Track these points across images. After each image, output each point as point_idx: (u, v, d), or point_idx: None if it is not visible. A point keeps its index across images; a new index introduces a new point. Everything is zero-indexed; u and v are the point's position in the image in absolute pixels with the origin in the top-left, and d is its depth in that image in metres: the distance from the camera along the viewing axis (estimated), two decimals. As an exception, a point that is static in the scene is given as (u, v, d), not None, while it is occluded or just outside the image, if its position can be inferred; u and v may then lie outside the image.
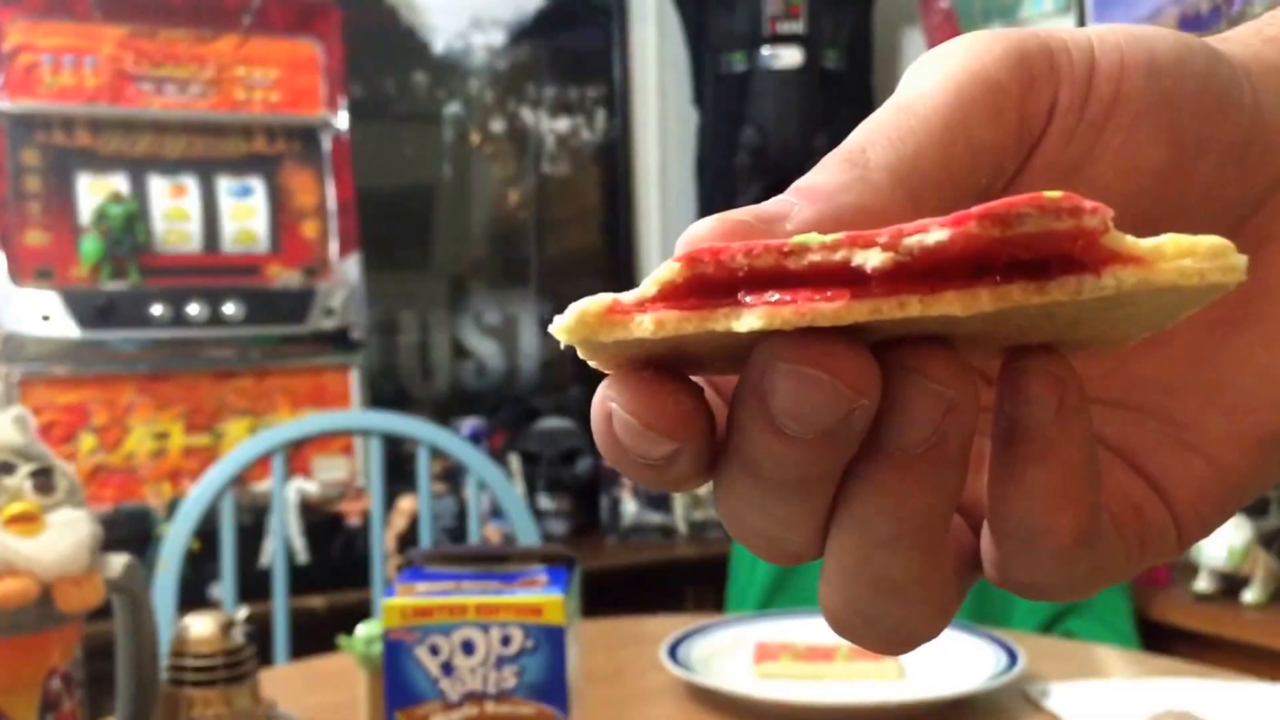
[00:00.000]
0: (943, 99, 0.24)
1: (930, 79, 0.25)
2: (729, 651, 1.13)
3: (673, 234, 3.03)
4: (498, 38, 3.00)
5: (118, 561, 0.78)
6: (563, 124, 3.09)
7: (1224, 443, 0.28)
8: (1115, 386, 0.29)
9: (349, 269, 2.51)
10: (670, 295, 0.21)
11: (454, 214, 3.05)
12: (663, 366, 0.23)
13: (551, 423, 2.72)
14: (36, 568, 0.72)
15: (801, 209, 0.23)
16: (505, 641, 0.69)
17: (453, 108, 3.00)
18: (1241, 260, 0.21)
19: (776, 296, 0.21)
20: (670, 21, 2.99)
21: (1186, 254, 0.21)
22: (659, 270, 0.21)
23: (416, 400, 2.93)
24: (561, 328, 0.22)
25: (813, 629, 1.17)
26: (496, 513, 2.22)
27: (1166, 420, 0.28)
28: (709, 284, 0.21)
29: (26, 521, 0.73)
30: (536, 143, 3.07)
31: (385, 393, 2.75)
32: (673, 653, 1.10)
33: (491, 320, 3.06)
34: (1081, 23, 2.38)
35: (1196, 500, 0.28)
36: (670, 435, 0.23)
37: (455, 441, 1.74)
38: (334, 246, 2.51)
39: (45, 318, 2.25)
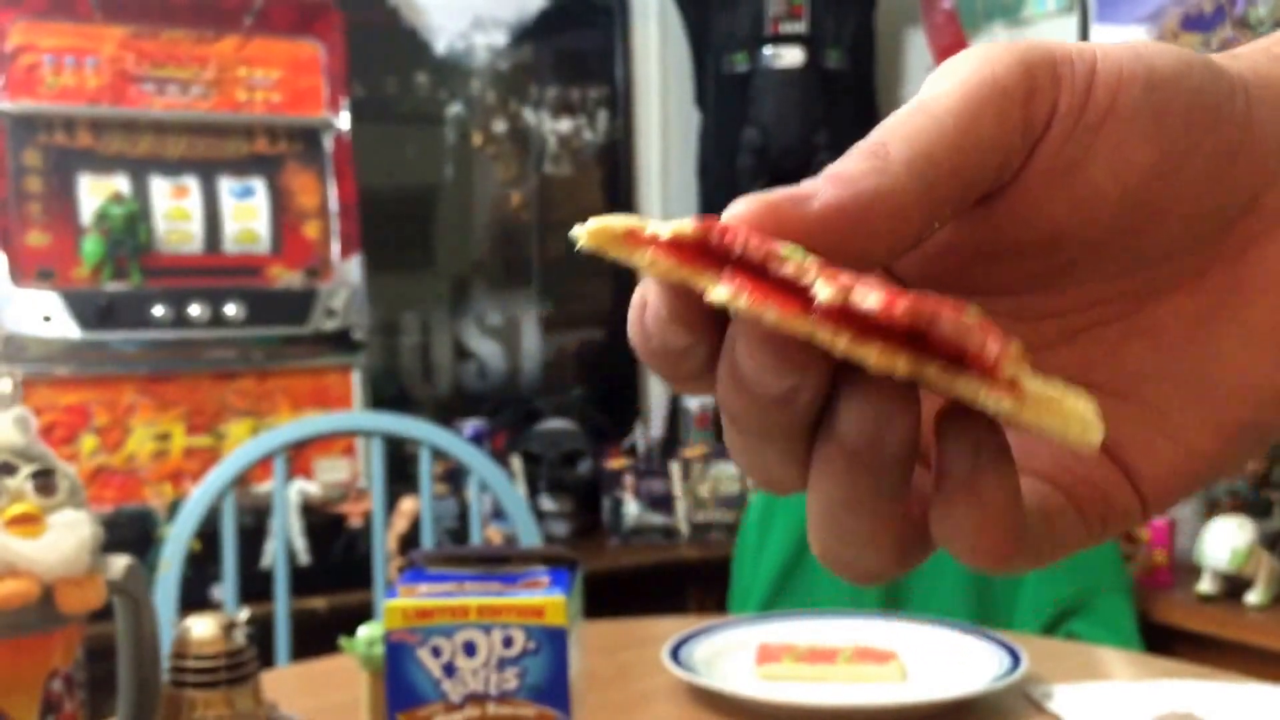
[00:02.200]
0: (956, 101, 0.27)
1: (945, 84, 0.28)
2: (731, 653, 1.13)
3: (674, 235, 3.03)
4: (499, 38, 3.00)
5: (119, 563, 0.78)
6: (565, 125, 3.09)
7: (1198, 430, 0.30)
8: (1102, 374, 0.31)
9: (350, 270, 2.51)
10: (677, 245, 0.25)
11: (456, 215, 3.05)
12: None
13: (553, 424, 2.72)
14: (38, 569, 0.72)
15: (825, 191, 0.26)
16: (507, 643, 0.69)
17: (454, 108, 3.00)
18: (1098, 434, 0.24)
19: (748, 285, 0.24)
20: (672, 22, 2.99)
21: (1060, 412, 0.24)
22: (681, 223, 0.25)
23: (418, 401, 2.93)
24: (584, 232, 0.26)
25: (815, 631, 1.16)
26: (498, 514, 2.22)
27: (1145, 406, 0.30)
28: (709, 250, 0.25)
29: (28, 523, 0.73)
30: (538, 143, 3.07)
31: (387, 394, 2.75)
32: (675, 654, 1.09)
33: (493, 321, 3.06)
34: (1084, 22, 2.38)
35: (1164, 481, 0.30)
36: (689, 328, 0.26)
37: (457, 443, 1.74)
38: (335, 247, 2.51)
39: (46, 318, 2.24)
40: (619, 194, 3.10)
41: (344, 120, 2.54)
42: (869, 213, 0.25)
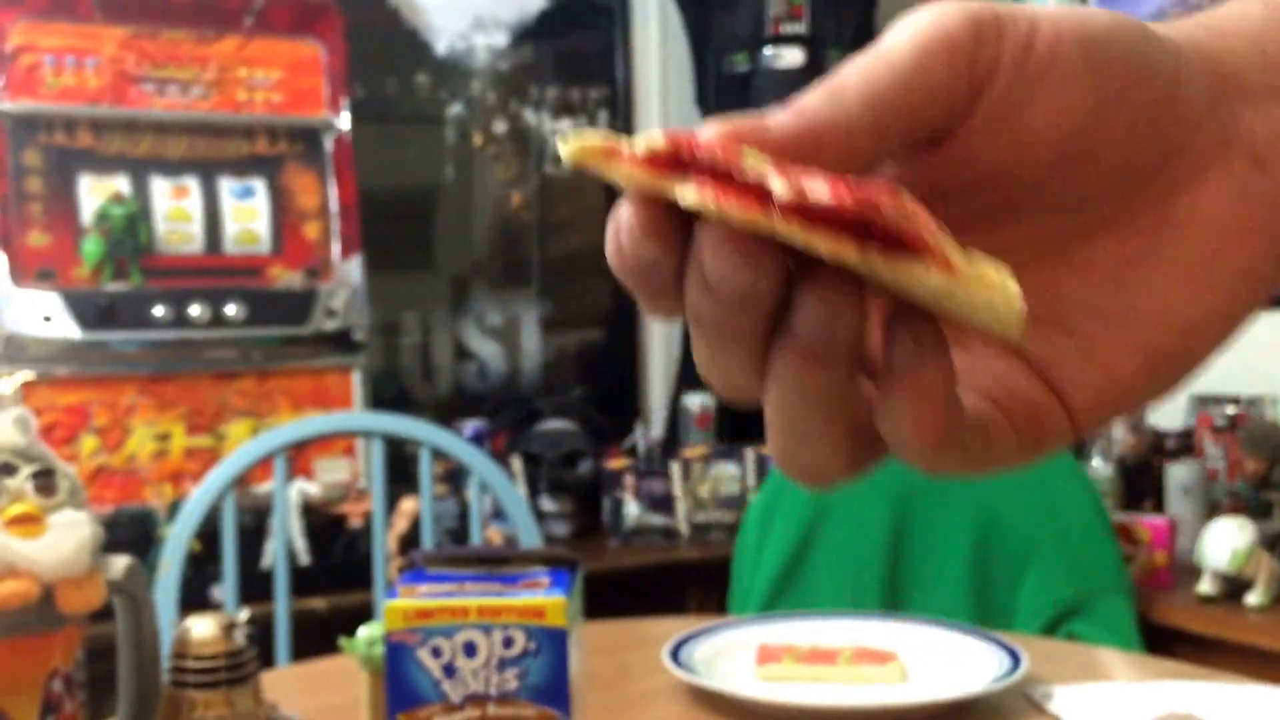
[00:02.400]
0: (909, 49, 0.30)
1: (900, 35, 0.31)
2: (731, 653, 1.13)
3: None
4: (500, 39, 3.00)
5: (119, 563, 0.78)
6: (565, 125, 3.09)
7: (1124, 357, 0.33)
8: (1038, 306, 0.33)
9: (351, 270, 2.51)
10: (649, 160, 0.28)
11: (456, 215, 3.05)
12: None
13: (553, 424, 2.72)
14: (38, 569, 0.72)
15: (785, 118, 0.29)
16: (507, 643, 0.69)
17: (455, 109, 3.00)
18: (1020, 309, 0.27)
19: (714, 187, 0.27)
20: (673, 22, 2.99)
21: (988, 287, 0.27)
22: (652, 138, 0.28)
23: (418, 402, 2.93)
24: (567, 150, 0.29)
25: (815, 631, 1.16)
26: (498, 514, 2.22)
27: (1077, 335, 0.33)
28: (678, 162, 0.28)
29: (28, 523, 0.73)
30: (539, 144, 3.07)
31: (387, 394, 2.75)
32: (675, 655, 1.09)
33: (493, 321, 3.06)
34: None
35: (1092, 404, 0.33)
36: (659, 240, 0.29)
37: (457, 443, 1.74)
38: (336, 248, 2.51)
39: (47, 319, 2.24)
40: (619, 194, 3.10)
41: (344, 120, 2.54)
42: (822, 139, 0.29)
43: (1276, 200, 0.33)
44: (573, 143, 0.28)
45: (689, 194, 0.27)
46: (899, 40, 0.31)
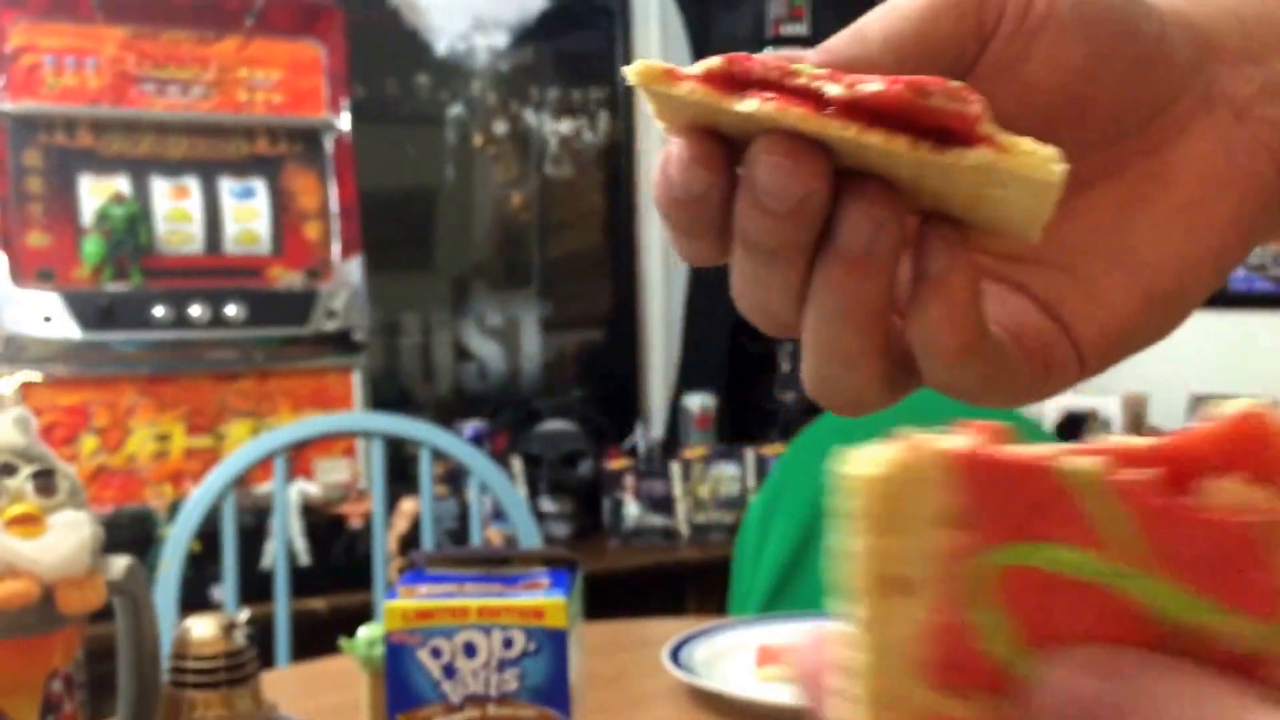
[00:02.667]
0: (922, 2, 0.33)
1: None
2: (731, 654, 1.13)
3: (675, 236, 3.03)
4: (500, 39, 3.00)
5: (119, 563, 0.78)
6: (565, 126, 3.09)
7: (1124, 297, 0.36)
8: (1044, 250, 0.36)
9: (351, 271, 2.51)
10: (707, 77, 0.30)
11: (456, 216, 3.05)
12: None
13: (554, 425, 2.72)
14: (38, 569, 0.72)
15: (816, 59, 0.32)
16: (507, 644, 0.69)
17: (455, 109, 3.00)
18: (1062, 167, 0.29)
19: (770, 96, 0.29)
20: (673, 23, 2.99)
21: (1028, 152, 0.29)
22: (709, 60, 0.30)
23: (418, 402, 2.93)
24: (633, 70, 0.30)
25: (815, 632, 1.16)
26: (498, 515, 2.22)
27: (1080, 276, 0.36)
28: (734, 79, 0.29)
29: (28, 523, 0.73)
30: (539, 145, 3.08)
31: (387, 395, 2.75)
32: (675, 656, 1.09)
33: (494, 322, 3.06)
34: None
35: (1097, 340, 0.36)
36: (709, 167, 0.31)
37: (457, 444, 1.74)
38: (336, 248, 2.51)
39: (47, 319, 2.24)
40: (620, 195, 3.10)
41: (345, 121, 2.54)
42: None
43: (1257, 150, 0.36)
44: (636, 66, 0.30)
45: (750, 103, 0.29)
46: None
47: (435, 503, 1.80)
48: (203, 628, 0.77)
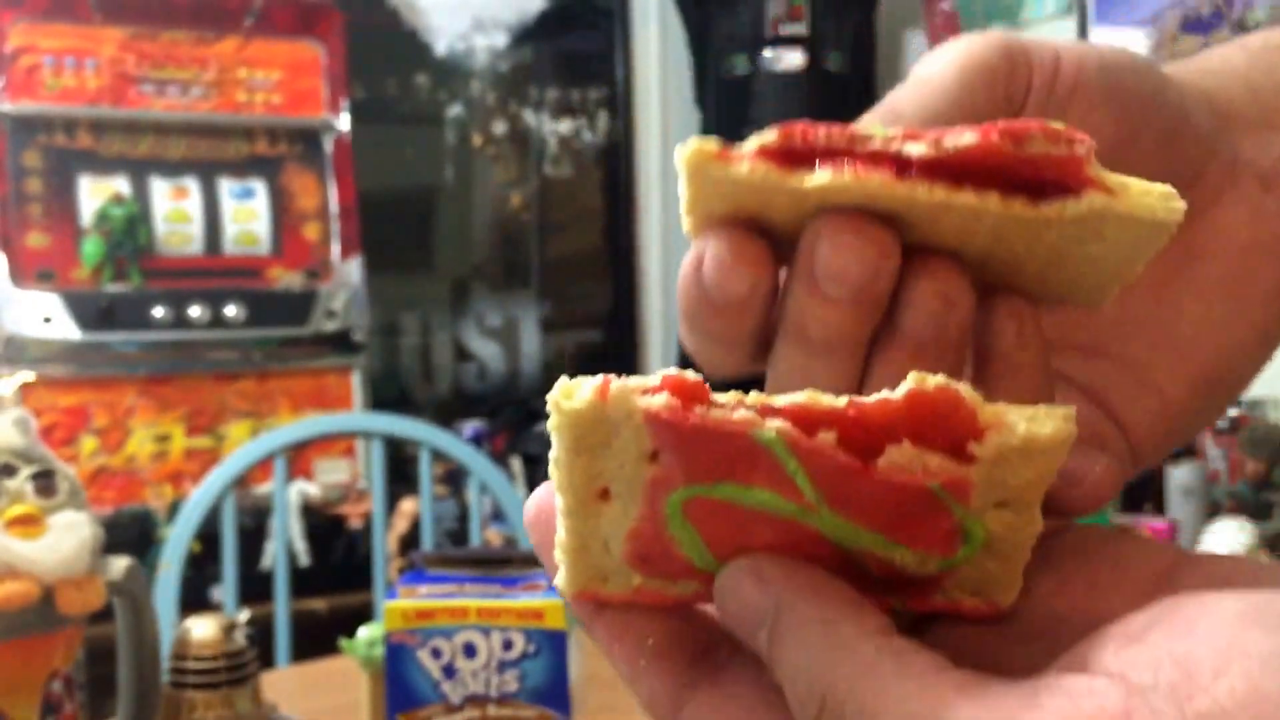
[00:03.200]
0: (952, 75, 0.31)
1: (939, 64, 0.32)
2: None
3: (674, 236, 3.03)
4: (500, 39, 3.00)
5: (119, 564, 0.78)
6: (565, 126, 3.09)
7: (1172, 379, 0.34)
8: (1084, 334, 0.35)
9: (350, 271, 2.51)
10: (764, 153, 0.27)
11: (456, 216, 3.05)
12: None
13: (553, 425, 2.71)
14: (38, 570, 0.72)
15: None
16: (507, 645, 0.69)
17: (454, 110, 3.00)
18: (1181, 204, 0.27)
19: (844, 163, 0.26)
20: (672, 23, 2.99)
21: (1145, 193, 0.27)
22: (762, 135, 0.27)
23: (418, 402, 2.93)
24: (683, 154, 0.27)
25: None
26: (498, 515, 2.22)
27: (1125, 362, 0.34)
28: (794, 153, 0.27)
29: (28, 524, 0.73)
30: (538, 145, 3.07)
31: (387, 395, 2.75)
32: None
33: (493, 322, 3.06)
34: (1083, 24, 2.38)
35: (1150, 430, 0.34)
36: (753, 268, 0.28)
37: (457, 444, 1.74)
38: (335, 249, 2.51)
39: (46, 320, 2.24)
40: (619, 195, 3.10)
41: (344, 121, 2.54)
42: None
43: None
44: (687, 150, 0.28)
45: (822, 175, 0.26)
46: (940, 67, 0.32)
47: (435, 503, 1.80)
48: (203, 628, 0.77)
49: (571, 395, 0.25)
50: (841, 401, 0.25)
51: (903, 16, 2.81)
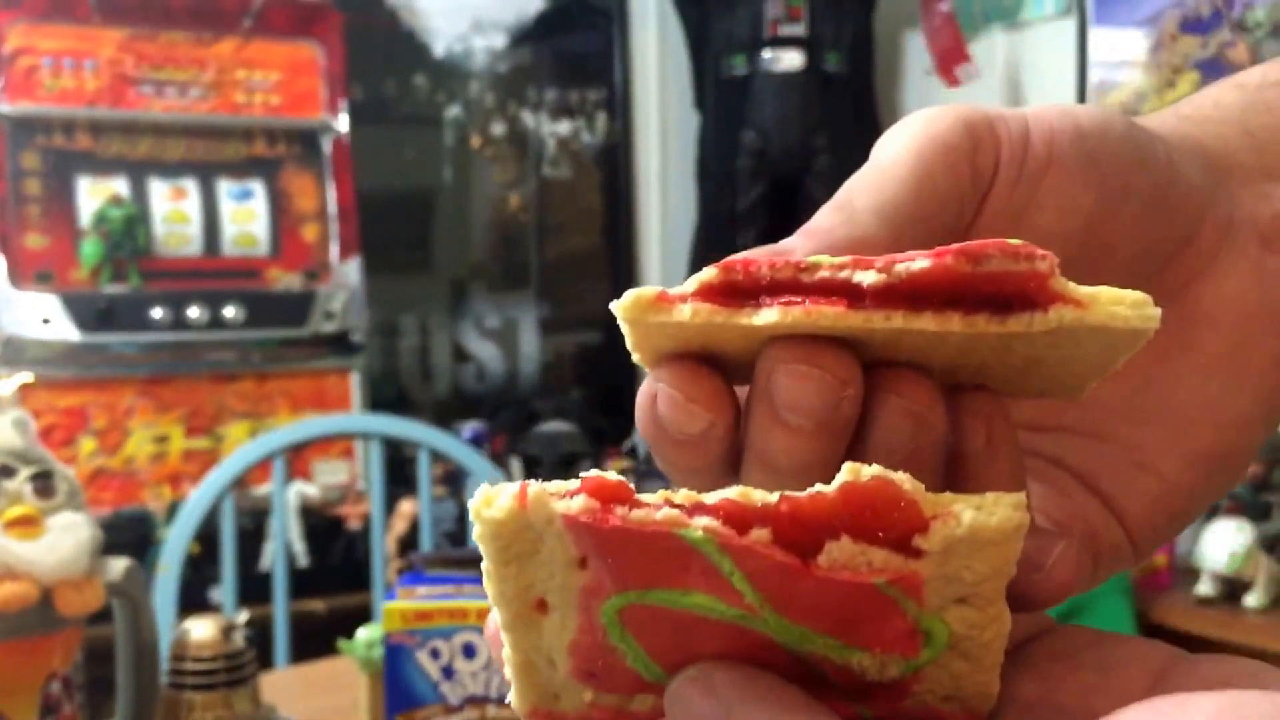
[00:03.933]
0: (909, 157, 0.29)
1: (897, 144, 0.30)
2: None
3: (673, 237, 3.03)
4: (498, 41, 3.00)
5: (118, 565, 0.78)
6: (563, 127, 3.09)
7: (1170, 460, 0.32)
8: (1073, 415, 0.33)
9: (349, 272, 2.51)
10: (706, 293, 0.25)
11: (454, 217, 3.05)
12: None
13: (552, 426, 2.72)
14: (37, 571, 0.72)
15: (804, 245, 0.28)
16: (506, 645, 0.69)
17: (453, 111, 3.00)
18: (1157, 311, 0.25)
19: (790, 299, 0.25)
20: (671, 24, 2.99)
21: (1116, 302, 0.25)
22: (701, 273, 0.26)
23: (417, 403, 2.93)
24: (621, 306, 0.26)
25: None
26: (497, 516, 2.22)
27: (1119, 443, 0.32)
28: (737, 288, 0.25)
29: (26, 525, 0.73)
30: (537, 146, 3.07)
31: (386, 396, 2.75)
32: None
33: (492, 323, 3.06)
34: (1082, 24, 2.38)
35: (1148, 515, 0.32)
36: (708, 407, 0.27)
37: (456, 445, 1.74)
38: (334, 250, 2.51)
39: (45, 321, 2.24)
40: (618, 196, 3.10)
41: (343, 122, 2.54)
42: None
43: None
44: (625, 301, 0.26)
45: (769, 314, 0.25)
46: (896, 150, 0.30)
47: (434, 504, 1.80)
48: (201, 629, 0.77)
49: (491, 503, 0.24)
50: (774, 497, 0.23)
51: (901, 17, 2.81)
